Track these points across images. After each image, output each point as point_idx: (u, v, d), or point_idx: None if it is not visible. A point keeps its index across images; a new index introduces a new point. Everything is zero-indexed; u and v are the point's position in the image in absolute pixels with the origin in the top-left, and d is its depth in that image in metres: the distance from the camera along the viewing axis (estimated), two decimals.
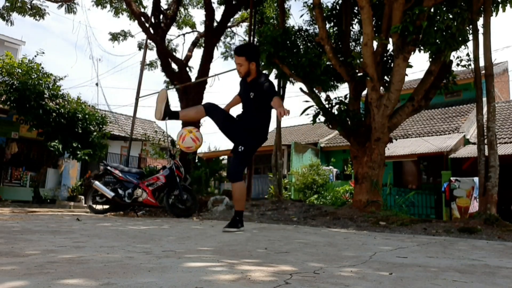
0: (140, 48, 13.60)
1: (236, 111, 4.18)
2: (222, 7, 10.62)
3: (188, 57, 11.12)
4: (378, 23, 6.17)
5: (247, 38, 12.01)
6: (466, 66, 5.54)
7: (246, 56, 3.60)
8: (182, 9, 13.37)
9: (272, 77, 8.13)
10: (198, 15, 77.96)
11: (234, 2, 10.18)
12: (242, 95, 3.72)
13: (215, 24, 10.27)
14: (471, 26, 5.27)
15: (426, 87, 5.64)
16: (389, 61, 6.20)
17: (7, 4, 11.06)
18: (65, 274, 1.36)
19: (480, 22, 5.27)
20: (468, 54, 5.43)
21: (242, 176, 3.60)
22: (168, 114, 3.45)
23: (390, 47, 6.00)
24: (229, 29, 13.71)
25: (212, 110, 3.57)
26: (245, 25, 13.31)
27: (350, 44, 6.92)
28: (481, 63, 5.14)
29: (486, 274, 1.63)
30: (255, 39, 8.20)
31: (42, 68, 10.43)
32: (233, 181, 3.50)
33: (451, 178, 11.01)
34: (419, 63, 53.49)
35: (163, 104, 3.42)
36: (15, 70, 9.97)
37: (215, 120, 3.58)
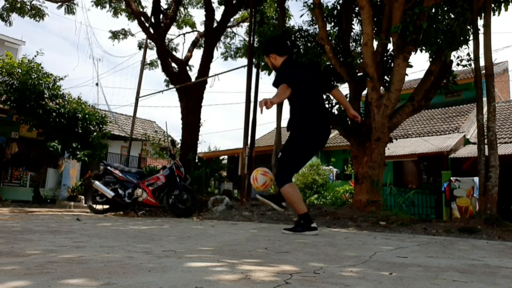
0: (140, 47, 13.60)
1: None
2: (222, 7, 10.62)
3: (188, 57, 11.11)
4: (379, 23, 6.17)
5: (247, 38, 12.01)
6: (467, 65, 5.54)
7: (264, 53, 3.66)
8: (182, 9, 13.36)
9: (272, 77, 8.05)
10: (198, 14, 78.00)
11: (234, 2, 10.17)
12: None
13: (215, 24, 10.27)
14: (471, 26, 5.26)
15: (426, 87, 5.63)
16: (389, 61, 6.20)
17: (6, 5, 11.05)
18: (65, 274, 1.36)
19: (481, 21, 5.27)
20: (468, 54, 5.43)
21: (286, 180, 3.33)
22: (279, 203, 3.49)
23: (390, 47, 6.01)
24: (229, 29, 13.70)
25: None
26: (245, 25, 13.31)
27: (350, 44, 6.91)
28: (481, 63, 5.14)
29: (486, 274, 1.63)
30: (255, 39, 8.20)
31: (42, 68, 10.44)
32: (278, 187, 3.38)
33: (451, 178, 11.01)
34: (419, 63, 53.49)
35: (270, 202, 3.49)
36: (15, 70, 9.98)
37: None
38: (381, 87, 5.77)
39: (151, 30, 10.30)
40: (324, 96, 6.58)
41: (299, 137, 3.38)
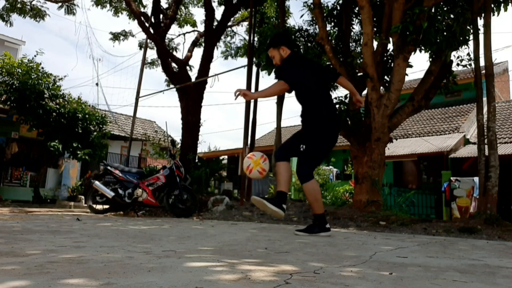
0: (141, 47, 13.60)
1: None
2: (222, 7, 10.63)
3: (188, 57, 11.11)
4: (379, 23, 6.17)
5: (247, 37, 12.01)
6: (467, 65, 5.55)
7: (272, 46, 3.53)
8: (182, 8, 13.36)
9: (272, 77, 8.06)
10: (199, 13, 77.91)
11: (234, 2, 10.17)
12: None
13: (215, 23, 10.27)
14: (471, 26, 5.27)
15: (426, 87, 5.64)
16: (389, 61, 6.20)
17: (7, 5, 11.05)
18: (65, 274, 1.36)
19: (481, 21, 5.28)
20: (468, 54, 5.43)
21: (310, 175, 3.26)
22: (280, 205, 3.21)
23: (390, 47, 6.01)
24: (229, 29, 13.70)
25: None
26: (245, 24, 13.31)
27: (350, 44, 6.92)
28: (482, 63, 5.15)
29: (486, 274, 1.63)
30: (255, 39, 8.20)
31: (42, 68, 10.44)
32: (301, 182, 3.27)
33: (451, 178, 11.00)
34: (419, 63, 53.50)
35: (269, 205, 3.21)
36: (15, 70, 9.98)
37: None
38: (381, 87, 5.78)
39: (151, 30, 10.30)
40: None
41: (310, 136, 3.34)
